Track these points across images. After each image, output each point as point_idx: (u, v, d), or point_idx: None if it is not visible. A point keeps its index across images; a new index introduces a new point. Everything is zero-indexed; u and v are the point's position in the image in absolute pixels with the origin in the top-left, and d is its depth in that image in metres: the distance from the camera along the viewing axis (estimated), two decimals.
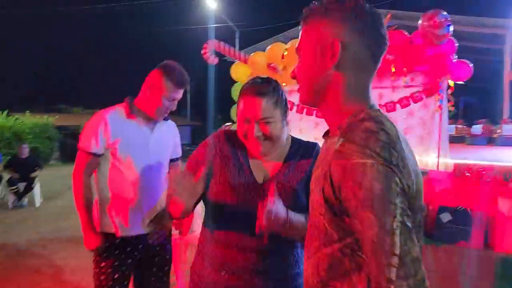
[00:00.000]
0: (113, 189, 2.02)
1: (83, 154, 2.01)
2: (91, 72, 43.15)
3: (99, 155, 2.00)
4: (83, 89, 37.75)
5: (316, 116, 5.71)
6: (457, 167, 2.71)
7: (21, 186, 7.77)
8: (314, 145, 1.48)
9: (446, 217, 2.27)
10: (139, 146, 2.02)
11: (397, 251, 0.79)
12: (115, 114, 2.03)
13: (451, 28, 4.23)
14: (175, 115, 30.21)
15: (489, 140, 9.43)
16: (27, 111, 17.66)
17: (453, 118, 24.03)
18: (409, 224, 0.80)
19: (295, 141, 1.48)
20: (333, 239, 0.92)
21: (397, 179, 0.81)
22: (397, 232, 0.79)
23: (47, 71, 43.26)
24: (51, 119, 17.66)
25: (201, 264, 1.44)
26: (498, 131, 9.42)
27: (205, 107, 26.46)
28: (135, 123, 2.04)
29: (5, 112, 16.44)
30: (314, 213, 0.98)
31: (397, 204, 0.80)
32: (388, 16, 4.86)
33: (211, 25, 15.10)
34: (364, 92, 0.98)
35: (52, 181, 11.07)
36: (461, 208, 2.29)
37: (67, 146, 19.71)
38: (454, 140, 10.82)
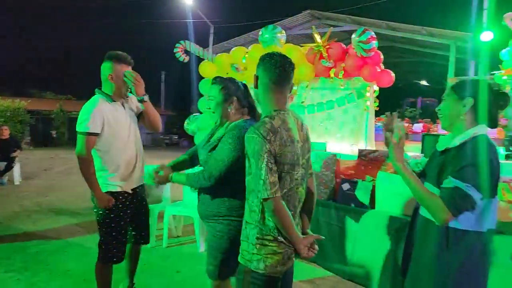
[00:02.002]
0: (111, 157, 2.67)
1: (88, 136, 2.57)
2: (63, 60, 42.57)
3: (98, 134, 2.61)
4: (55, 75, 37.27)
5: None
6: (360, 151, 3.64)
7: (2, 165, 8.29)
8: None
9: (346, 186, 3.20)
10: (122, 122, 2.71)
11: (263, 178, 1.66)
12: (103, 103, 2.65)
13: (376, 44, 5.23)
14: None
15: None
16: None
17: (413, 117, 25.32)
18: (270, 166, 1.66)
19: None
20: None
21: (267, 145, 1.67)
22: (263, 168, 1.66)
23: (18, 56, 42.43)
24: (23, 103, 17.43)
25: None
26: (435, 129, 10.61)
27: (177, 99, 28.75)
28: (116, 106, 2.71)
29: None
30: None
31: (264, 156, 1.66)
32: (329, 30, 5.84)
33: (187, 20, 15.70)
34: (273, 102, 1.81)
35: (26, 164, 11.47)
36: (356, 179, 3.24)
37: (39, 131, 19.72)
38: None
